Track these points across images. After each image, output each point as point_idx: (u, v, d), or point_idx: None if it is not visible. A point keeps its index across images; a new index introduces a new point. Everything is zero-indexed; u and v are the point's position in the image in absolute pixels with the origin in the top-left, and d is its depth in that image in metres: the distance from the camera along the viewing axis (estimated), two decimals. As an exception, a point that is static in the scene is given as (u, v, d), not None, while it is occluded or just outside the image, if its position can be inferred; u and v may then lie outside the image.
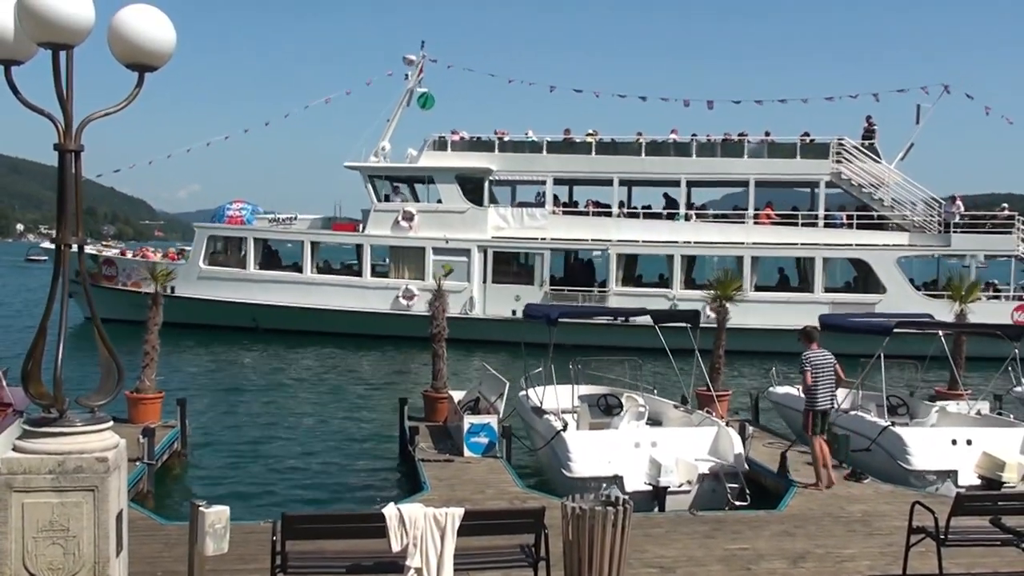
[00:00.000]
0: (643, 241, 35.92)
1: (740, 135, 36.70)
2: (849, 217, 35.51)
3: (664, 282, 36.12)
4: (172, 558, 9.75)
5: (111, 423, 7.04)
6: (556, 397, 15.69)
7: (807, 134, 36.26)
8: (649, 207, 37.86)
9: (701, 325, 16.74)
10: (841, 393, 15.79)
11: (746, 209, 36.42)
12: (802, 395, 14.63)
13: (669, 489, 12.90)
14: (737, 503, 12.95)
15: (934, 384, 21.16)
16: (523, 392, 17.07)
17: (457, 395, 18.09)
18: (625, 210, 37.20)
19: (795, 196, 38.95)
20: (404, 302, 35.73)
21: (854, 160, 35.27)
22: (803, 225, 35.69)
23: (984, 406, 17.25)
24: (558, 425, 14.29)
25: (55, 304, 6.86)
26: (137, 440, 13.99)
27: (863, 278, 35.79)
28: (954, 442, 14.66)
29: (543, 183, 37.13)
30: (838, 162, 35.28)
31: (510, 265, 36.73)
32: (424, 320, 34.46)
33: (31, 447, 6.66)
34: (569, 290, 35.40)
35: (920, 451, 14.47)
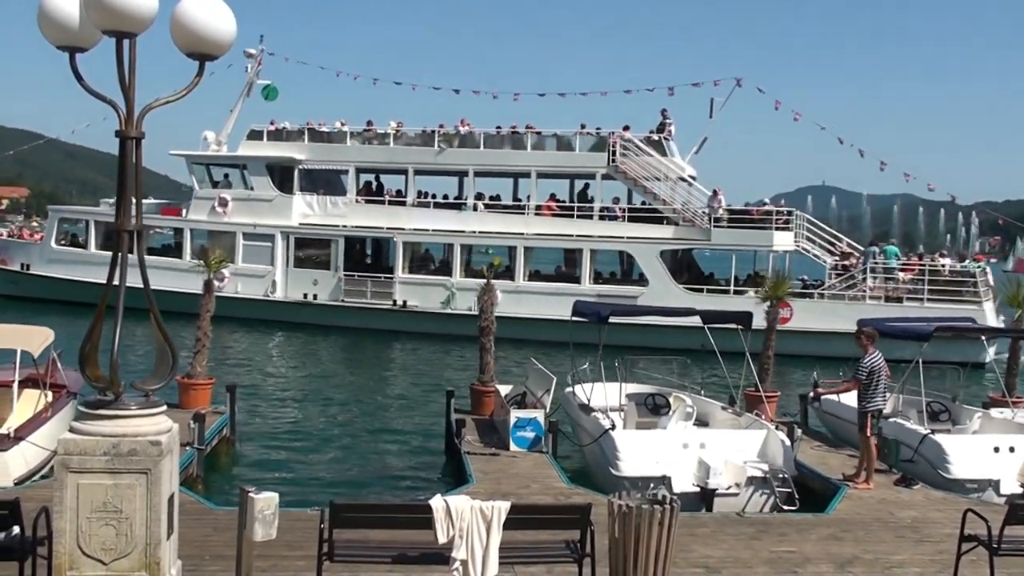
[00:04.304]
0: (432, 230, 37.17)
1: (527, 127, 37.54)
2: (622, 210, 36.16)
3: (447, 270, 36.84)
4: (220, 542, 9.87)
5: (165, 407, 7.14)
6: (605, 394, 15.62)
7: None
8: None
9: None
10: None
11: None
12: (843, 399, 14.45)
13: (717, 491, 12.78)
14: (785, 507, 12.79)
15: (990, 391, 20.74)
16: (570, 388, 17.02)
17: (504, 389, 18.11)
18: (415, 199, 38.32)
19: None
20: (216, 284, 36.87)
21: (633, 153, 35.63)
22: (579, 217, 36.36)
23: None
24: (606, 423, 14.23)
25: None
26: (188, 425, 14.18)
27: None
28: (996, 449, 14.19)
29: (346, 172, 38.74)
30: (624, 155, 35.65)
31: (314, 250, 38.28)
32: (233, 301, 35.76)
33: (87, 428, 6.77)
34: (359, 276, 36.85)
35: (960, 459, 14.01)
